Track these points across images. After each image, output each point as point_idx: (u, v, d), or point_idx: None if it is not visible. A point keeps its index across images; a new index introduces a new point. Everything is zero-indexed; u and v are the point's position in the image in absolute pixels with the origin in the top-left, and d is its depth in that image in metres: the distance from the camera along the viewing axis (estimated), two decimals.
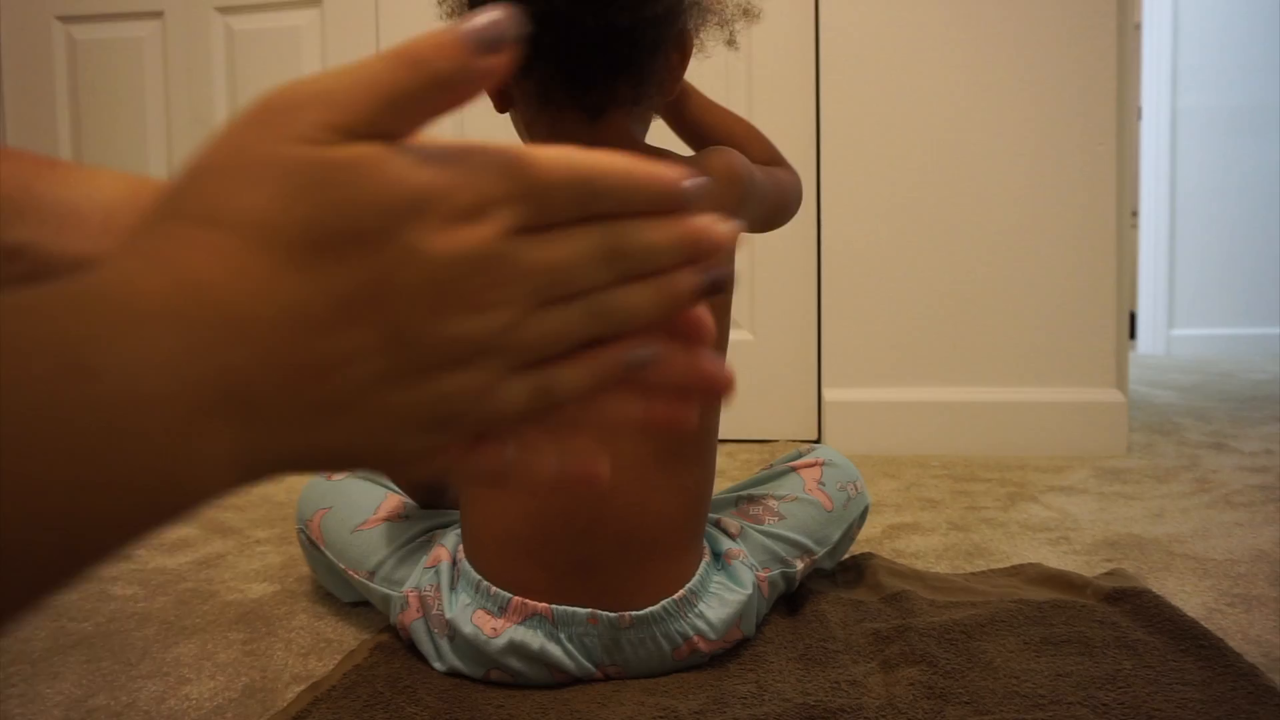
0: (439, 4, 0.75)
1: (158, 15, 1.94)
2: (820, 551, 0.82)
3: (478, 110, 0.69)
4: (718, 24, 0.78)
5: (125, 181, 0.30)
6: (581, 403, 0.28)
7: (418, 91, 0.23)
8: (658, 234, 0.27)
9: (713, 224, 0.27)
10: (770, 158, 0.86)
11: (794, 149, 1.69)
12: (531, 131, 0.74)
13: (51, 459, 0.18)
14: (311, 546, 0.86)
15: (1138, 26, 3.46)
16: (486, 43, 0.24)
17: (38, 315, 0.20)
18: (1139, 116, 3.49)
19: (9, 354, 0.19)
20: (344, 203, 0.22)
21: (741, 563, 0.76)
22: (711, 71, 0.82)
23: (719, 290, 0.28)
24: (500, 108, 0.75)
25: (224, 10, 1.91)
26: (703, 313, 0.29)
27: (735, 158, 0.73)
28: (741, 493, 0.85)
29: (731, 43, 0.80)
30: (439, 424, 0.25)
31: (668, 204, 0.27)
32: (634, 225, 0.26)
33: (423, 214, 0.23)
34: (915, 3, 1.59)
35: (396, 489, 0.86)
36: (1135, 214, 3.47)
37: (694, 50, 0.75)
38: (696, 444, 0.73)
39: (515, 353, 0.25)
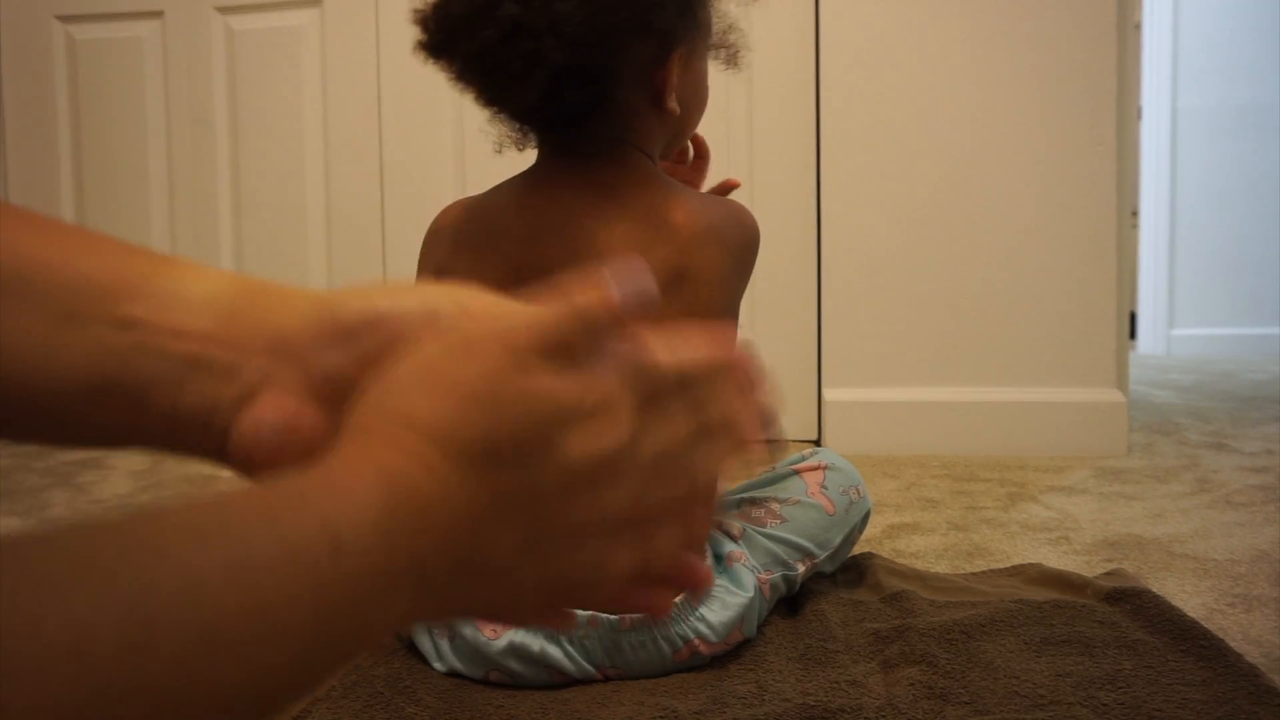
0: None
1: (158, 15, 1.94)
2: (821, 555, 0.82)
3: (480, 153, 0.70)
4: (715, 44, 0.78)
5: (226, 276, 0.36)
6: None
7: (577, 334, 0.30)
8: (733, 406, 0.34)
9: (759, 373, 0.35)
10: None
11: (794, 148, 1.69)
12: (533, 172, 0.75)
13: (302, 614, 0.24)
14: None
15: (1138, 26, 3.46)
16: (633, 304, 0.30)
17: (304, 496, 0.26)
18: (1139, 116, 3.49)
19: (289, 527, 0.24)
20: (511, 419, 0.28)
21: (743, 565, 0.76)
22: (711, 71, 0.82)
23: (773, 430, 0.36)
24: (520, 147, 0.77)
25: (224, 10, 1.91)
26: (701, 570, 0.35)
27: (754, 219, 0.76)
28: (743, 495, 0.85)
29: (731, 63, 0.80)
30: (561, 592, 0.31)
31: (742, 380, 0.34)
32: (717, 400, 0.33)
33: (566, 424, 0.29)
34: (915, 2, 1.59)
35: None
36: (1135, 214, 3.47)
37: (684, 65, 0.74)
38: None
39: (626, 522, 0.31)
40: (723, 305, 0.72)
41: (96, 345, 0.33)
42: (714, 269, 0.71)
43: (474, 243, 0.73)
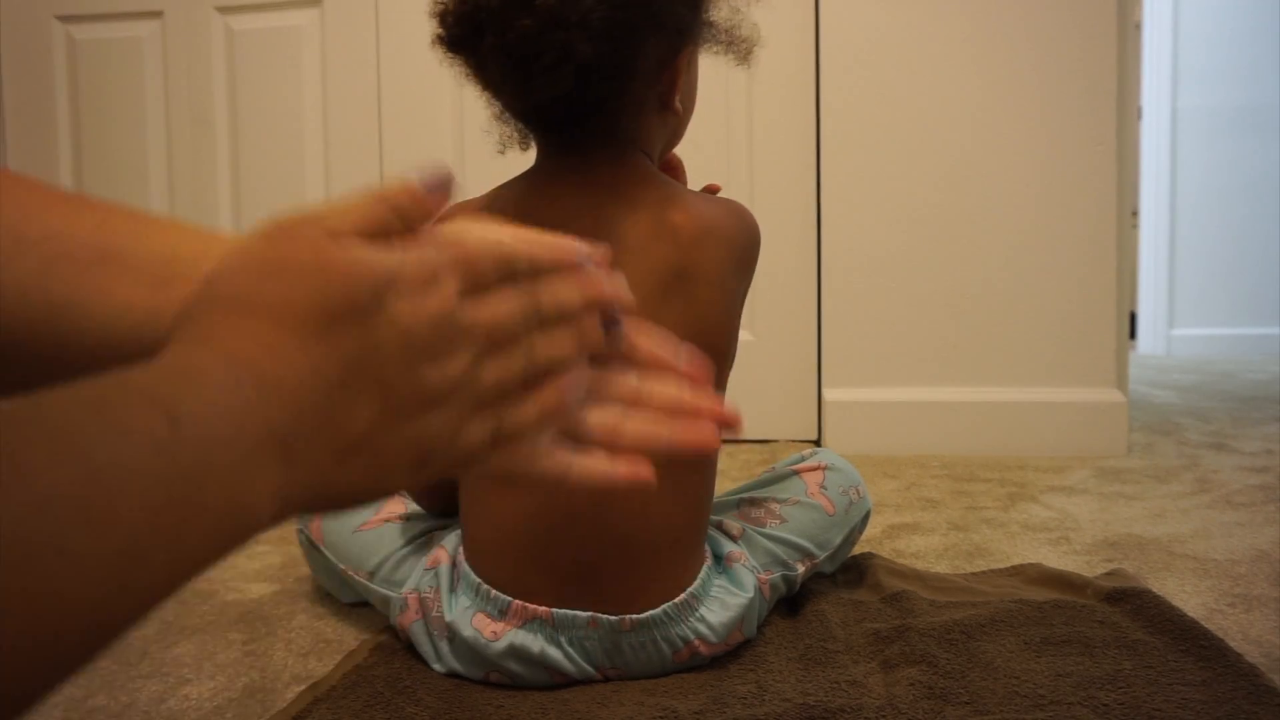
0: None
1: (158, 15, 1.94)
2: (821, 555, 0.82)
3: (480, 153, 0.70)
4: (725, 41, 0.78)
5: (194, 234, 0.40)
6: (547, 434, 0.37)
7: (386, 218, 0.32)
8: (564, 290, 0.37)
9: (604, 278, 0.38)
10: None
11: (794, 148, 1.69)
12: (534, 173, 0.75)
13: (149, 487, 0.24)
14: (311, 547, 0.86)
15: (1138, 26, 3.46)
16: (430, 188, 0.33)
17: (135, 384, 0.26)
18: (1139, 116, 3.49)
19: (119, 410, 0.25)
20: (340, 285, 0.30)
21: (743, 565, 0.76)
22: (711, 71, 0.82)
23: (615, 326, 0.39)
24: (523, 147, 0.78)
25: (224, 10, 1.91)
26: (701, 364, 0.39)
27: (755, 219, 0.76)
28: (743, 495, 0.84)
29: (744, 60, 0.80)
30: (422, 461, 0.33)
31: (570, 266, 0.37)
32: (547, 285, 0.36)
33: (391, 287, 0.31)
34: (915, 2, 1.59)
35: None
36: (1135, 214, 3.47)
37: (687, 65, 0.74)
38: None
39: (474, 393, 0.33)
40: (724, 305, 0.72)
41: None
42: (715, 268, 0.71)
43: None
